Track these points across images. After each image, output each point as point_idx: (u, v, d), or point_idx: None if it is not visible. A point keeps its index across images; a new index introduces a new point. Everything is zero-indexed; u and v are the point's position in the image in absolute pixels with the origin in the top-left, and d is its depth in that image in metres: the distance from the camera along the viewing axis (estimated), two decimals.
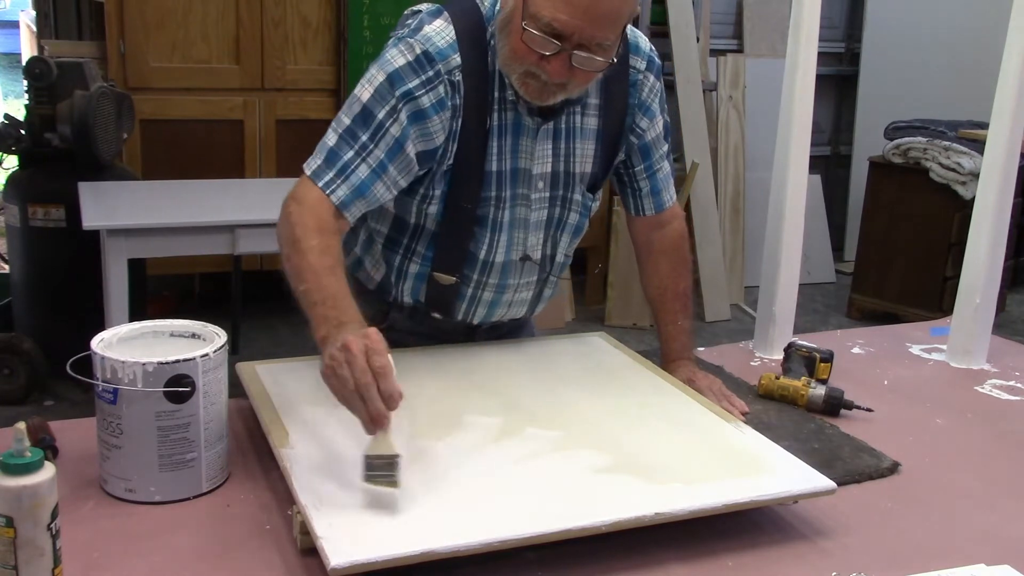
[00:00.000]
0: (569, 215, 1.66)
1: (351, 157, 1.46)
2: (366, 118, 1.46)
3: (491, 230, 1.59)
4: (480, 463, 1.29)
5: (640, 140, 1.68)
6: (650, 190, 1.73)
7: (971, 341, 1.97)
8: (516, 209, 1.60)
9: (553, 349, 1.74)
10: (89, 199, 3.24)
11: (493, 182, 1.56)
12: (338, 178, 1.45)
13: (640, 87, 1.64)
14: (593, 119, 1.61)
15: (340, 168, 1.46)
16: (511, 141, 1.56)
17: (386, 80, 1.46)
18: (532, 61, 1.42)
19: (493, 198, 1.57)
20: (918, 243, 4.84)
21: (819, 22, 1.87)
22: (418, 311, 1.69)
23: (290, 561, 1.15)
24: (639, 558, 1.20)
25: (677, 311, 1.75)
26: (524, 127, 1.55)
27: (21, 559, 1.00)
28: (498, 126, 1.54)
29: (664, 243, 1.77)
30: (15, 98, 8.75)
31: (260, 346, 4.22)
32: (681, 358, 1.73)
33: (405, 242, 1.63)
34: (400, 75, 1.46)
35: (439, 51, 1.47)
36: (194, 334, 1.35)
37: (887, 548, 1.27)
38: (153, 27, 4.13)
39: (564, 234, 1.68)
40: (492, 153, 1.55)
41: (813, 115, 1.92)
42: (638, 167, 1.70)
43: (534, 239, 1.64)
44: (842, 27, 6.17)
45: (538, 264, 1.67)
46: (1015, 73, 1.86)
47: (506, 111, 1.54)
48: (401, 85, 1.46)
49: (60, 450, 1.36)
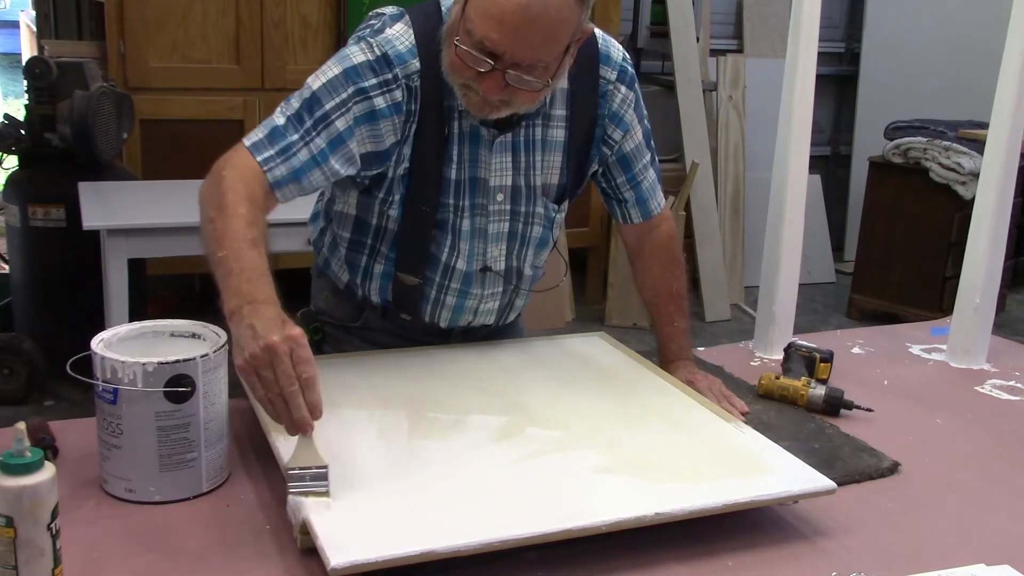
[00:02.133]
0: (532, 229, 1.64)
1: (295, 140, 1.43)
2: (313, 105, 1.45)
3: (451, 235, 1.59)
4: (480, 463, 1.29)
5: (618, 152, 1.66)
6: (635, 200, 1.72)
7: (971, 341, 1.97)
8: (475, 219, 1.59)
9: (553, 349, 1.74)
10: (89, 199, 3.24)
11: (451, 190, 1.55)
12: (278, 157, 1.43)
13: (610, 98, 1.61)
14: (560, 131, 1.59)
15: (282, 148, 1.43)
16: (470, 150, 1.54)
17: (341, 74, 1.46)
18: (469, 76, 1.41)
19: (451, 205, 1.56)
20: (918, 243, 4.84)
21: (819, 22, 1.87)
22: (389, 311, 1.69)
23: (290, 561, 1.15)
24: (639, 558, 1.20)
25: (672, 312, 1.74)
26: (481, 137, 1.54)
27: (21, 559, 1.00)
28: (457, 134, 1.53)
29: (654, 246, 1.76)
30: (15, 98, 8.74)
31: None
32: (680, 359, 1.73)
33: (369, 243, 1.63)
34: (357, 71, 1.46)
35: (398, 55, 1.46)
36: (194, 334, 1.36)
37: (887, 548, 1.27)
38: (153, 27, 4.13)
39: (529, 248, 1.66)
40: (452, 160, 1.53)
41: (813, 115, 1.92)
42: (620, 179, 1.69)
43: (495, 251, 1.62)
44: (842, 27, 6.17)
45: (502, 276, 1.66)
46: (1015, 73, 1.86)
47: (464, 119, 1.52)
48: (357, 81, 1.45)
49: (60, 450, 1.36)
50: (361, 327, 1.73)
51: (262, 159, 1.42)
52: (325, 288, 1.76)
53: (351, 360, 1.63)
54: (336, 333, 1.74)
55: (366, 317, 1.72)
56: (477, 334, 1.76)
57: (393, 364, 1.61)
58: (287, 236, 3.24)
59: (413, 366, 1.60)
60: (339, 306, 1.74)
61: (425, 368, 1.59)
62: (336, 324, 1.75)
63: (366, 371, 1.57)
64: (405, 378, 1.55)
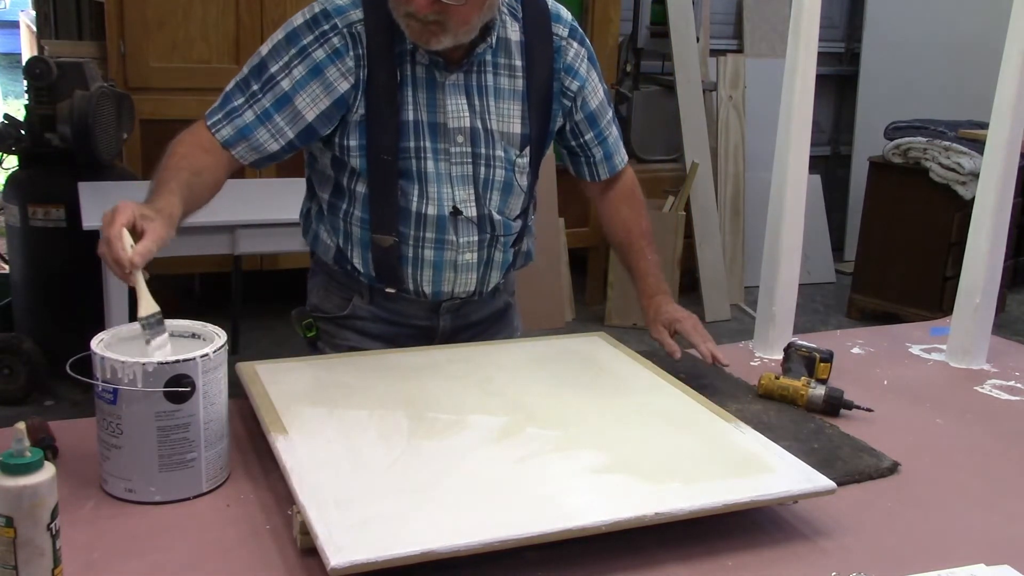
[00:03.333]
0: (495, 172, 1.70)
1: (240, 103, 1.59)
2: (260, 70, 1.59)
3: (417, 182, 1.65)
4: (480, 463, 1.29)
5: (584, 109, 1.76)
6: (603, 155, 1.83)
7: (971, 341, 1.97)
8: (439, 163, 1.66)
9: (553, 349, 1.74)
10: (89, 199, 3.24)
11: (410, 132, 1.63)
12: (225, 119, 1.59)
13: (564, 52, 1.72)
14: (518, 81, 1.69)
15: (228, 111, 1.59)
16: (425, 94, 1.63)
17: (284, 38, 1.60)
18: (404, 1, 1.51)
19: (412, 149, 1.64)
20: (918, 243, 4.84)
21: (819, 22, 1.87)
22: (376, 292, 1.74)
23: (290, 561, 1.15)
24: (639, 558, 1.20)
25: (644, 248, 1.84)
26: (435, 81, 1.63)
27: (21, 559, 1.00)
28: (410, 77, 1.62)
29: (620, 190, 1.88)
30: (15, 98, 8.75)
31: (260, 346, 4.22)
32: (658, 293, 1.80)
33: (344, 207, 1.70)
34: (296, 33, 1.59)
35: (336, 8, 1.59)
36: (194, 334, 1.36)
37: (887, 548, 1.27)
38: (153, 27, 4.13)
39: (493, 191, 1.71)
40: (407, 104, 1.62)
41: (813, 115, 1.92)
42: (588, 136, 1.80)
43: (462, 194, 1.68)
44: (842, 27, 6.17)
45: (475, 223, 1.69)
46: (1015, 73, 1.86)
47: (417, 64, 1.62)
48: (296, 43, 1.58)
49: (60, 450, 1.36)
50: (350, 315, 1.76)
51: (211, 123, 1.59)
52: (318, 285, 1.81)
53: (351, 360, 1.63)
54: (328, 327, 1.78)
55: (354, 305, 1.76)
56: (467, 314, 1.79)
57: (393, 364, 1.61)
58: (287, 236, 3.26)
59: (413, 366, 1.60)
60: (329, 298, 1.79)
61: (425, 368, 1.59)
62: (328, 318, 1.79)
63: (366, 371, 1.57)
64: (405, 378, 1.55)
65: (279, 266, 4.38)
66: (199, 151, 1.56)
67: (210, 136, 1.58)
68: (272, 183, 4.20)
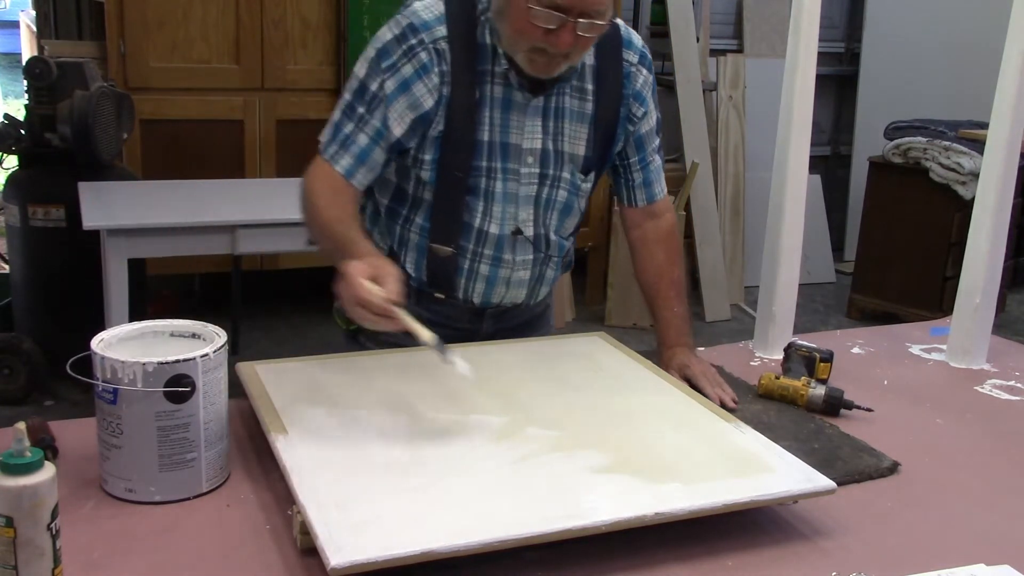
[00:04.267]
0: (557, 193, 1.71)
1: (352, 129, 1.60)
2: (362, 91, 1.60)
3: (484, 200, 1.66)
4: (480, 463, 1.29)
5: (636, 132, 1.76)
6: (643, 181, 1.81)
7: (971, 341, 1.97)
8: (508, 183, 1.66)
9: (553, 349, 1.74)
10: (89, 199, 3.24)
11: (484, 152, 1.64)
12: (341, 149, 1.60)
13: (634, 78, 1.73)
14: (588, 104, 1.68)
15: (342, 140, 1.60)
16: (501, 114, 1.64)
17: (375, 55, 1.60)
18: (537, 37, 1.50)
19: (484, 168, 1.64)
20: (918, 243, 4.84)
21: (819, 22, 1.87)
22: (423, 295, 1.73)
23: (290, 561, 1.15)
24: (639, 558, 1.20)
25: (672, 298, 1.80)
26: (514, 102, 1.63)
27: (21, 559, 1.00)
28: (489, 97, 1.62)
29: (659, 233, 1.83)
30: (15, 98, 8.75)
31: (260, 346, 4.22)
32: (678, 344, 1.76)
33: (404, 213, 1.70)
34: (387, 49, 1.59)
35: (423, 23, 1.58)
36: (194, 334, 1.35)
37: (887, 548, 1.27)
38: (153, 27, 4.13)
39: (553, 212, 1.72)
40: (483, 123, 1.62)
41: (813, 115, 1.92)
42: (633, 159, 1.78)
43: (524, 214, 1.69)
44: (842, 27, 6.17)
45: (532, 243, 1.71)
46: (1015, 73, 1.86)
47: (496, 84, 1.62)
48: (387, 59, 1.58)
49: (60, 450, 1.36)
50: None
51: (328, 156, 1.61)
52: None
53: (351, 360, 1.63)
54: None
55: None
56: (509, 319, 1.79)
57: (393, 364, 1.61)
58: (287, 236, 3.26)
59: (413, 366, 1.60)
60: None
61: (425, 368, 1.59)
62: None
63: (366, 371, 1.57)
64: (405, 378, 1.55)
65: (279, 266, 4.38)
66: (335, 196, 1.59)
67: (332, 171, 1.60)
68: (272, 183, 4.20)
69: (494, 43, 1.60)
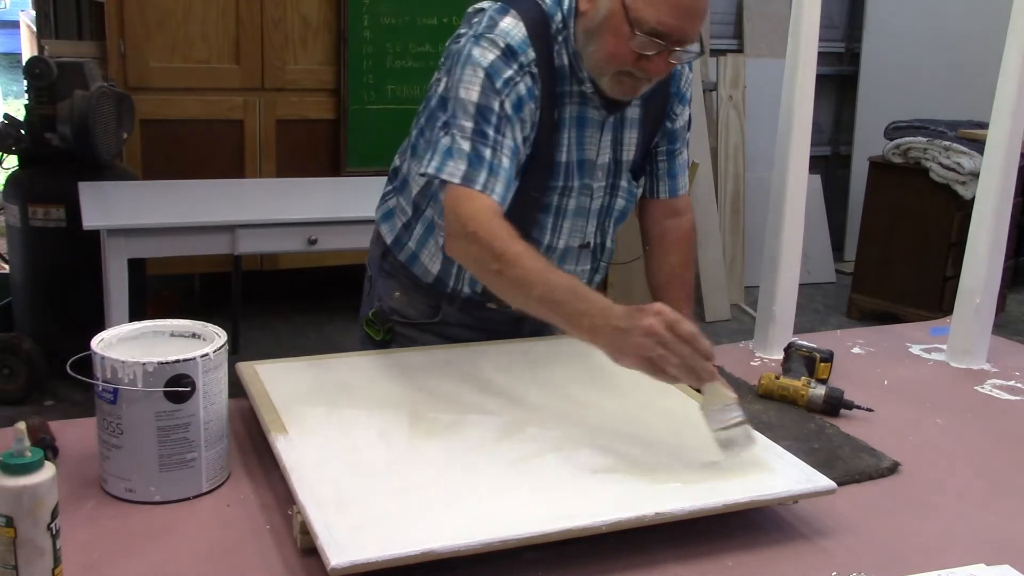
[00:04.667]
0: (617, 202, 1.73)
1: (491, 155, 1.49)
2: (486, 115, 1.50)
3: (554, 217, 1.65)
4: (480, 463, 1.29)
5: (672, 125, 1.74)
6: (668, 172, 1.79)
7: (971, 341, 1.97)
8: (581, 198, 1.66)
9: (553, 349, 1.74)
10: (89, 199, 3.24)
11: (561, 173, 1.62)
12: (490, 176, 1.48)
13: (680, 76, 1.72)
14: (637, 109, 1.68)
15: (488, 168, 1.48)
16: (577, 133, 1.62)
17: (486, 76, 1.51)
18: (630, 62, 1.49)
19: (560, 187, 1.64)
20: (918, 243, 4.84)
21: (819, 22, 1.87)
22: (471, 303, 1.72)
23: (290, 561, 1.15)
24: (639, 558, 1.20)
25: (680, 300, 1.78)
26: (589, 119, 1.62)
27: (21, 559, 1.00)
28: (567, 118, 1.60)
29: (678, 234, 1.82)
30: (15, 98, 8.75)
31: (260, 346, 4.22)
32: None
33: None
34: (495, 69, 1.51)
35: (519, 45, 1.53)
36: (194, 334, 1.35)
37: (887, 548, 1.27)
38: (153, 27, 4.13)
39: (612, 220, 1.75)
40: (562, 145, 1.61)
41: (813, 115, 1.92)
42: (662, 148, 1.77)
43: (591, 226, 1.71)
44: (842, 27, 6.17)
45: (590, 251, 1.73)
46: (1015, 73, 1.86)
47: (572, 104, 1.60)
48: (498, 79, 1.51)
49: (60, 450, 1.36)
50: (439, 322, 1.75)
51: (481, 186, 1.48)
52: (394, 289, 1.77)
53: (351, 360, 1.63)
54: (409, 332, 1.76)
55: (444, 312, 1.74)
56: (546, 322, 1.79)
57: (393, 364, 1.61)
58: (287, 236, 3.26)
59: (413, 366, 1.60)
60: (412, 304, 1.76)
61: (425, 368, 1.59)
62: (408, 323, 1.76)
63: (366, 371, 1.57)
64: (405, 378, 1.55)
65: (279, 266, 4.39)
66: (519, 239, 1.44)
67: (490, 203, 1.47)
68: (272, 183, 4.21)
69: (571, 64, 1.57)
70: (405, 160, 1.73)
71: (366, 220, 3.13)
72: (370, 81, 4.47)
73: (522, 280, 1.40)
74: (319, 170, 4.44)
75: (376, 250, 1.81)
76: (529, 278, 1.40)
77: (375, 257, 1.82)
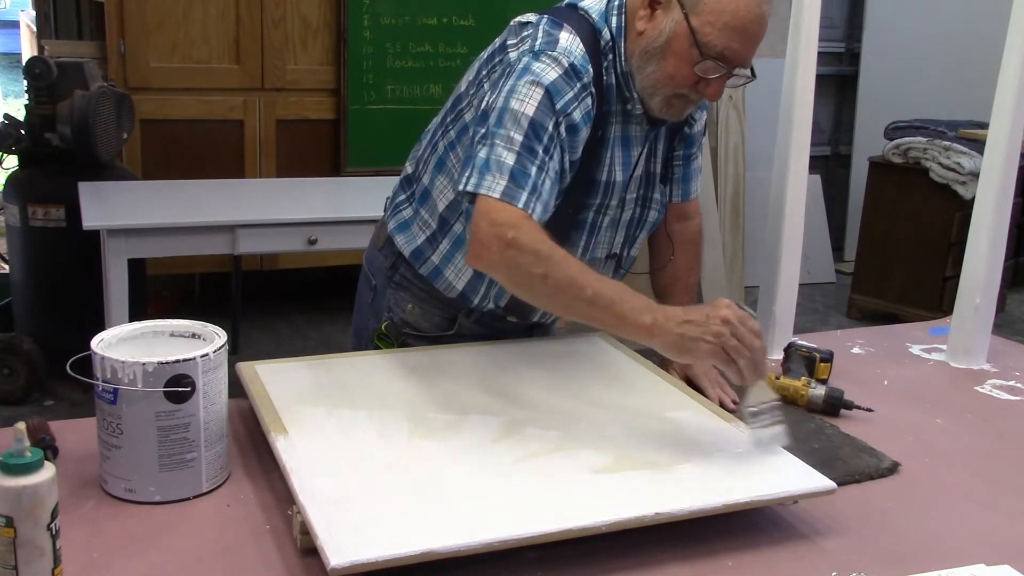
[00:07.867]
0: (649, 213, 1.72)
1: (536, 173, 1.42)
2: (538, 132, 1.43)
3: (588, 233, 1.64)
4: (480, 463, 1.29)
5: (690, 130, 1.75)
6: (682, 176, 1.79)
7: (971, 341, 1.97)
8: (614, 213, 1.65)
9: (553, 349, 1.74)
10: (89, 199, 3.24)
11: (600, 190, 1.60)
12: (532, 196, 1.41)
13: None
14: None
15: (532, 187, 1.42)
16: (621, 152, 1.60)
17: (546, 94, 1.44)
18: (689, 84, 1.48)
19: (596, 204, 1.61)
20: (918, 243, 4.84)
21: (819, 22, 1.87)
22: (487, 315, 1.71)
23: (290, 561, 1.15)
24: (639, 558, 1.20)
25: (684, 302, 1.77)
26: (631, 137, 1.60)
27: (21, 559, 1.00)
28: (611, 137, 1.58)
29: (685, 236, 1.82)
30: (15, 98, 8.75)
31: (260, 346, 4.23)
32: None
33: None
34: (557, 88, 1.45)
35: (581, 63, 1.48)
36: (194, 334, 1.35)
37: (887, 548, 1.27)
38: (153, 27, 4.13)
39: (643, 231, 1.74)
40: (603, 163, 1.58)
41: (813, 115, 1.92)
42: (679, 152, 1.76)
43: (620, 238, 1.70)
44: (842, 27, 6.17)
45: (616, 262, 1.72)
46: (1015, 73, 1.86)
47: (617, 123, 1.58)
48: (559, 99, 1.45)
49: (60, 450, 1.36)
50: (454, 335, 1.73)
51: (523, 204, 1.41)
52: (408, 300, 1.73)
53: (351, 360, 1.63)
54: (420, 344, 1.72)
55: (460, 324, 1.72)
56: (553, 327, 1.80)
57: (393, 364, 1.61)
58: (287, 236, 3.26)
59: (413, 366, 1.60)
60: (426, 317, 1.73)
61: (425, 368, 1.59)
62: (422, 336, 1.73)
63: (366, 371, 1.57)
64: (405, 378, 1.55)
65: (279, 266, 4.39)
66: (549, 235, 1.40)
67: (532, 222, 1.40)
68: (272, 183, 4.21)
69: (618, 82, 1.54)
70: (426, 171, 1.67)
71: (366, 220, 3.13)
72: (370, 81, 4.47)
73: (571, 282, 1.36)
74: (319, 170, 4.44)
75: (384, 260, 1.75)
76: (580, 280, 1.36)
77: (382, 267, 1.75)
